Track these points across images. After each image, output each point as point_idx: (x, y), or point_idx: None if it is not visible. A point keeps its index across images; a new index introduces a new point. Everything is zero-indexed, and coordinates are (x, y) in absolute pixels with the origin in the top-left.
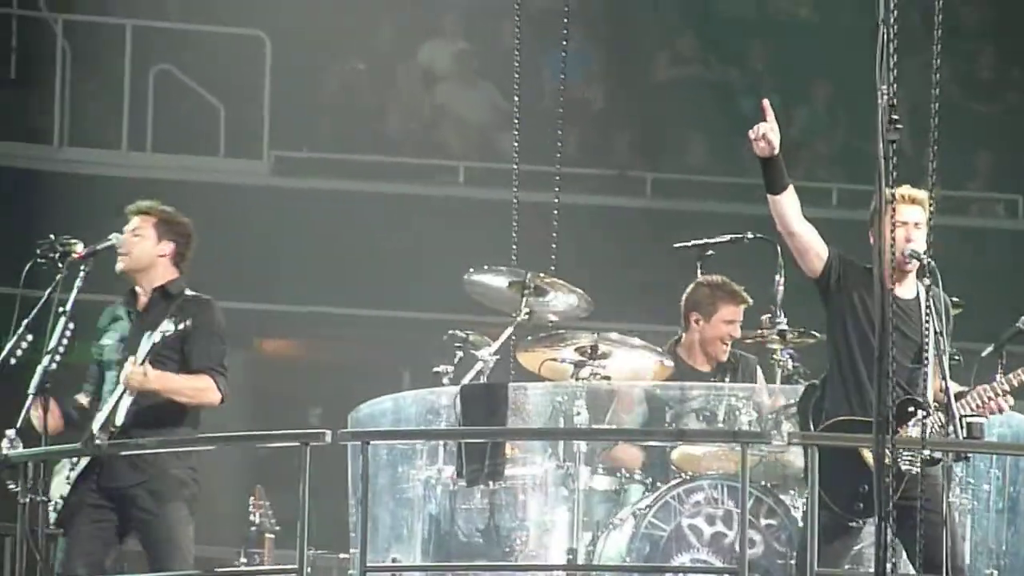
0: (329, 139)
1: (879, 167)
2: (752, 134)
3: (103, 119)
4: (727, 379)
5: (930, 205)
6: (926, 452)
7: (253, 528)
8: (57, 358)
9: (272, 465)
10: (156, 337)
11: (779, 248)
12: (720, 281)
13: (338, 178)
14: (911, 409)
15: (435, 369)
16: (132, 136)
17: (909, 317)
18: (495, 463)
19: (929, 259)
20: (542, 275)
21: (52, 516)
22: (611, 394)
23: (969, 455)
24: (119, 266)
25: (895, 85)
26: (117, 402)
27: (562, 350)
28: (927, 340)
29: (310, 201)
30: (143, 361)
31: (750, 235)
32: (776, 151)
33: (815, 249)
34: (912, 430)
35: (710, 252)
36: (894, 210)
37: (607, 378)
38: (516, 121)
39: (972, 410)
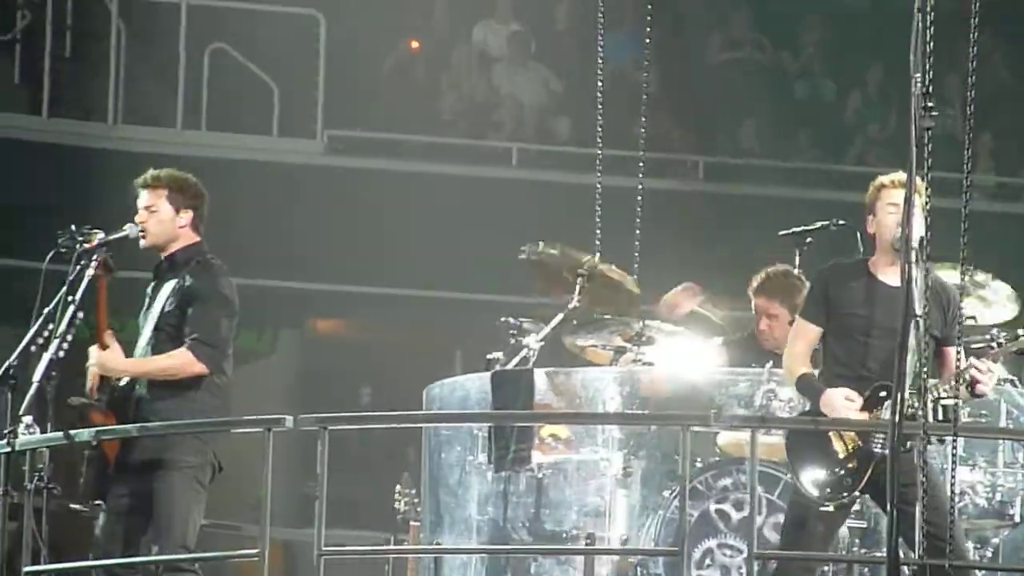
0: (382, 119)
1: (911, 154)
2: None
3: (157, 97)
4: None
5: (927, 191)
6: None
7: (399, 515)
8: (65, 346)
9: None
10: (155, 312)
11: (859, 234)
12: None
13: (391, 158)
14: (883, 394)
15: (488, 356)
16: (186, 115)
17: (898, 302)
18: (520, 449)
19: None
20: (608, 266)
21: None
22: (647, 379)
23: (943, 439)
24: (143, 244)
25: (931, 72)
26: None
27: (604, 336)
28: (923, 324)
29: (363, 181)
30: (147, 340)
31: (838, 222)
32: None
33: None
34: (885, 414)
35: (809, 239)
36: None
37: (650, 364)
38: (600, 106)
39: (967, 388)
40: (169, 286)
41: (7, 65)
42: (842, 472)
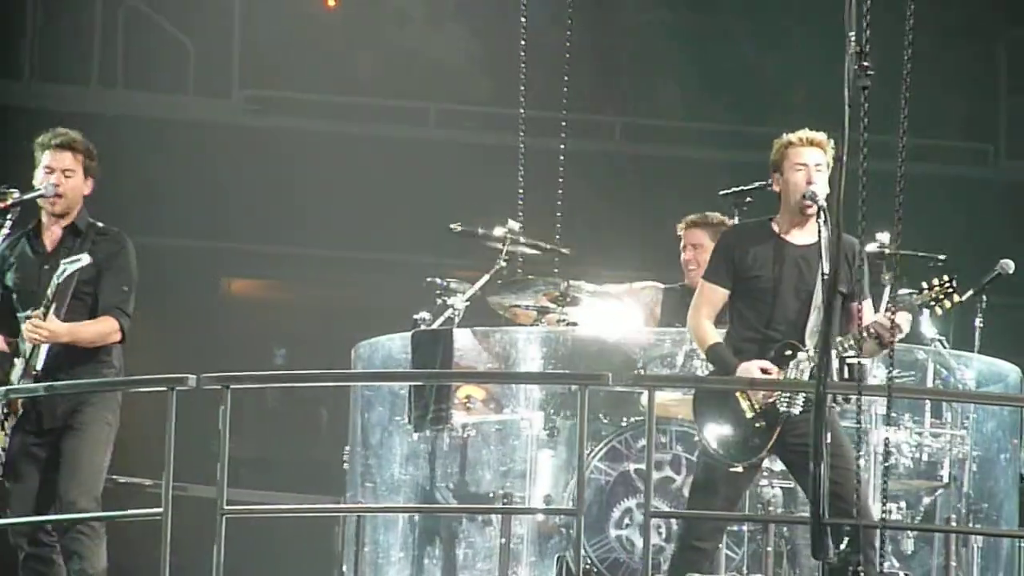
0: (299, 79)
1: (846, 114)
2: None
3: (72, 55)
4: None
5: (833, 150)
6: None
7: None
8: None
9: None
10: (62, 278)
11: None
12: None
13: (308, 118)
14: (788, 352)
15: (415, 316)
16: (102, 73)
17: (808, 263)
18: (439, 409)
19: (825, 202)
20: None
21: None
22: (570, 341)
23: (850, 397)
24: (55, 208)
25: (868, 31)
26: (34, 348)
27: (529, 296)
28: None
29: (279, 141)
30: (49, 307)
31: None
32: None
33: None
34: (792, 372)
35: (749, 199)
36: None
37: (573, 324)
38: (523, 64)
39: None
40: (75, 254)
41: None
42: (749, 432)
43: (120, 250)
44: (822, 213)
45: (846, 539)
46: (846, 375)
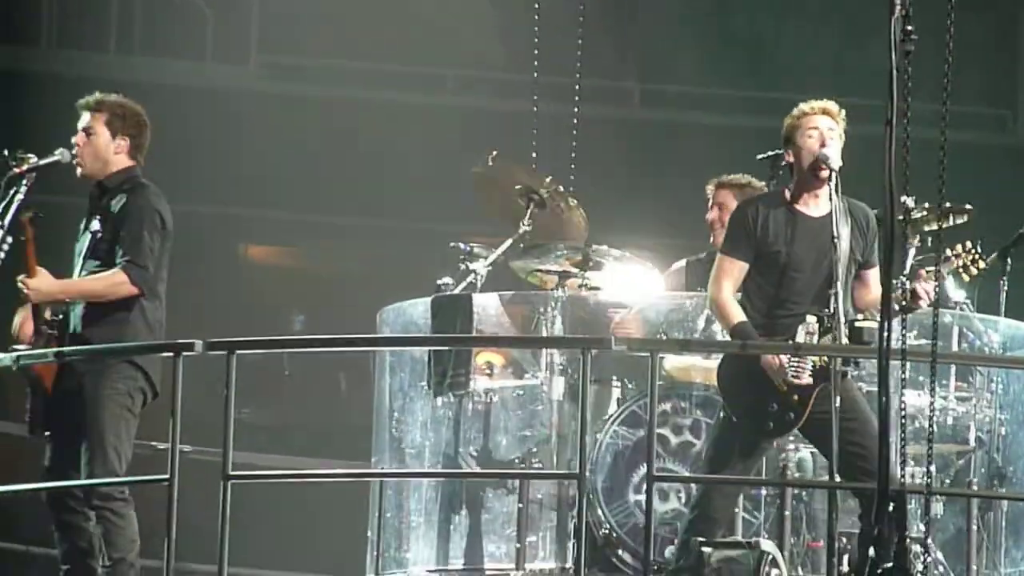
0: (316, 45)
1: (891, 79)
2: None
3: (90, 22)
4: None
5: (844, 121)
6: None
7: None
8: None
9: None
10: (87, 238)
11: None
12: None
13: (326, 85)
14: (808, 320)
15: (439, 281)
16: (120, 39)
17: (821, 234)
18: (458, 374)
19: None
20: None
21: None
22: (592, 305)
23: (858, 360)
24: (79, 171)
25: None
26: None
27: (551, 261)
28: (837, 256)
29: (297, 107)
30: (80, 265)
31: None
32: None
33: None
34: (800, 337)
35: (784, 163)
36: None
37: (596, 288)
38: (536, 29)
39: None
40: (101, 210)
41: None
42: (786, 406)
43: (142, 203)
44: (834, 177)
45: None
46: (856, 339)
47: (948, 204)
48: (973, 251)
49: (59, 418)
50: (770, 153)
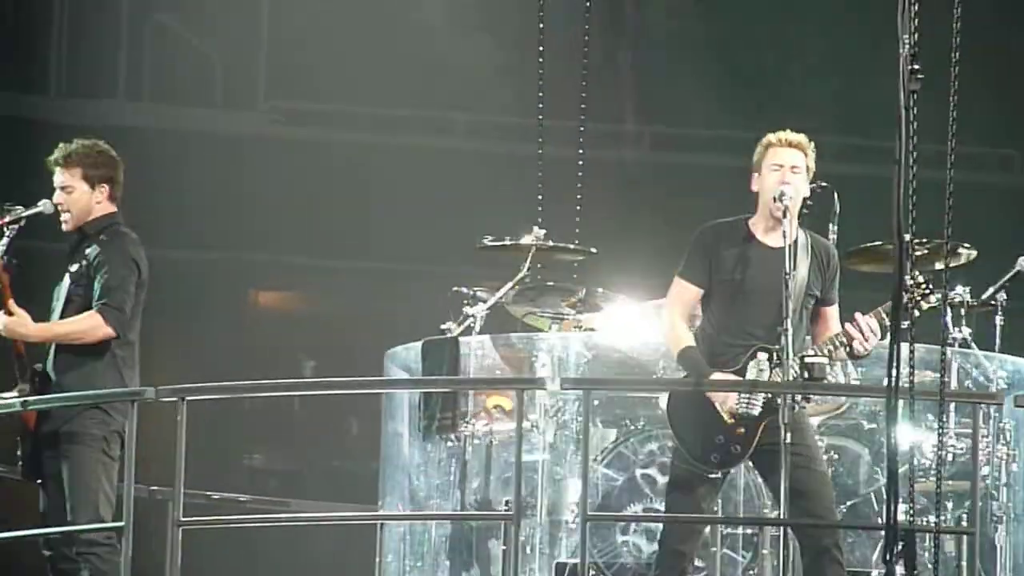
0: (325, 90)
1: (901, 117)
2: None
3: (99, 70)
4: None
5: (813, 152)
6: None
7: None
8: None
9: None
10: (64, 283)
11: (835, 194)
12: None
13: (334, 129)
14: (759, 355)
15: (442, 326)
16: (128, 87)
17: (778, 265)
18: (444, 417)
19: (791, 202)
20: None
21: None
22: (590, 347)
23: (810, 397)
24: (66, 227)
25: (916, 35)
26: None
27: (547, 303)
28: (788, 292)
29: (306, 152)
30: (59, 311)
31: (822, 184)
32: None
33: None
34: (750, 374)
35: (810, 202)
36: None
37: (590, 330)
38: (540, 72)
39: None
40: (79, 256)
41: None
42: (730, 438)
43: (119, 248)
44: (787, 215)
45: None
46: (805, 375)
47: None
48: (925, 286)
49: (48, 465)
50: (823, 185)
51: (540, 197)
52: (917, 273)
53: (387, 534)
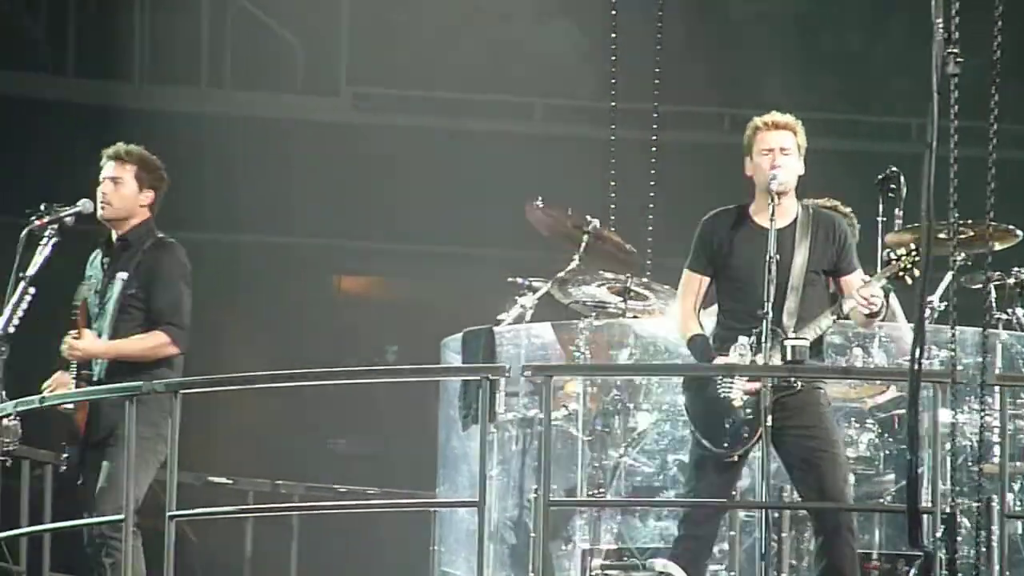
0: (406, 75)
1: (934, 102)
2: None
3: (182, 57)
4: None
5: (802, 130)
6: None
7: None
8: (15, 321)
9: None
10: (115, 291)
11: (902, 179)
12: None
13: (415, 114)
14: (740, 340)
15: (499, 316)
16: (211, 74)
17: (781, 246)
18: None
19: (784, 183)
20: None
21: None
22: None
23: (798, 381)
24: (100, 213)
25: (956, 18)
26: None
27: (592, 292)
28: (771, 276)
29: (388, 137)
30: (110, 319)
31: (892, 169)
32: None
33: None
34: (733, 356)
35: (894, 187)
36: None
37: (635, 317)
38: (613, 58)
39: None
40: (126, 264)
41: (33, 25)
42: (740, 422)
43: (172, 261)
44: (776, 198)
45: (942, 528)
46: (788, 358)
47: (994, 224)
48: (914, 252)
49: (94, 466)
50: (882, 176)
51: (613, 183)
52: (912, 245)
53: (444, 522)
